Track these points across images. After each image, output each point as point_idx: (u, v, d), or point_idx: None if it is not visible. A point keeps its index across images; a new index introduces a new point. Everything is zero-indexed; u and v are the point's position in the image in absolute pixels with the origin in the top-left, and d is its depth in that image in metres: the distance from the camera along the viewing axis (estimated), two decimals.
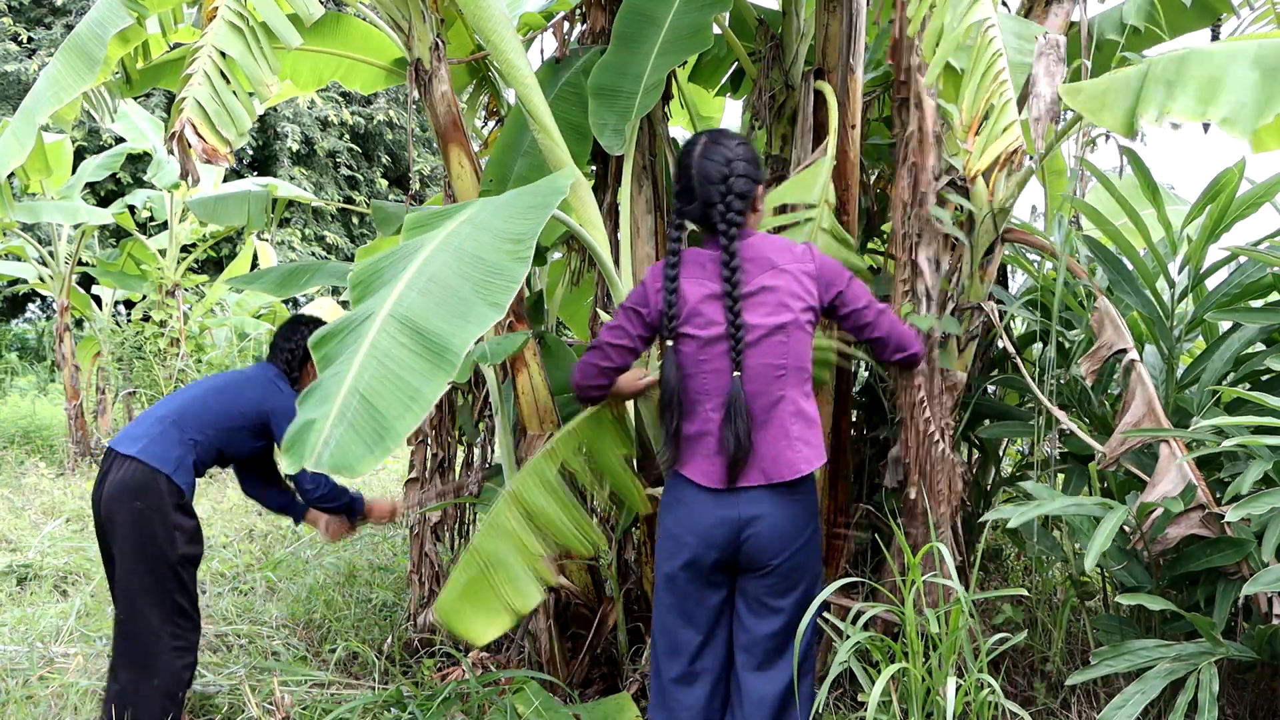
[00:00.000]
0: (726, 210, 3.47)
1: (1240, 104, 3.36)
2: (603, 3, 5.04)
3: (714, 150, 3.51)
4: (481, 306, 2.96)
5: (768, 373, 3.46)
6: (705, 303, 3.46)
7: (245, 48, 4.04)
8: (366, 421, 2.71)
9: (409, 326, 2.90)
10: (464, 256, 3.14)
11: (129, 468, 4.42)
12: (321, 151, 19.17)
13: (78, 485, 10.21)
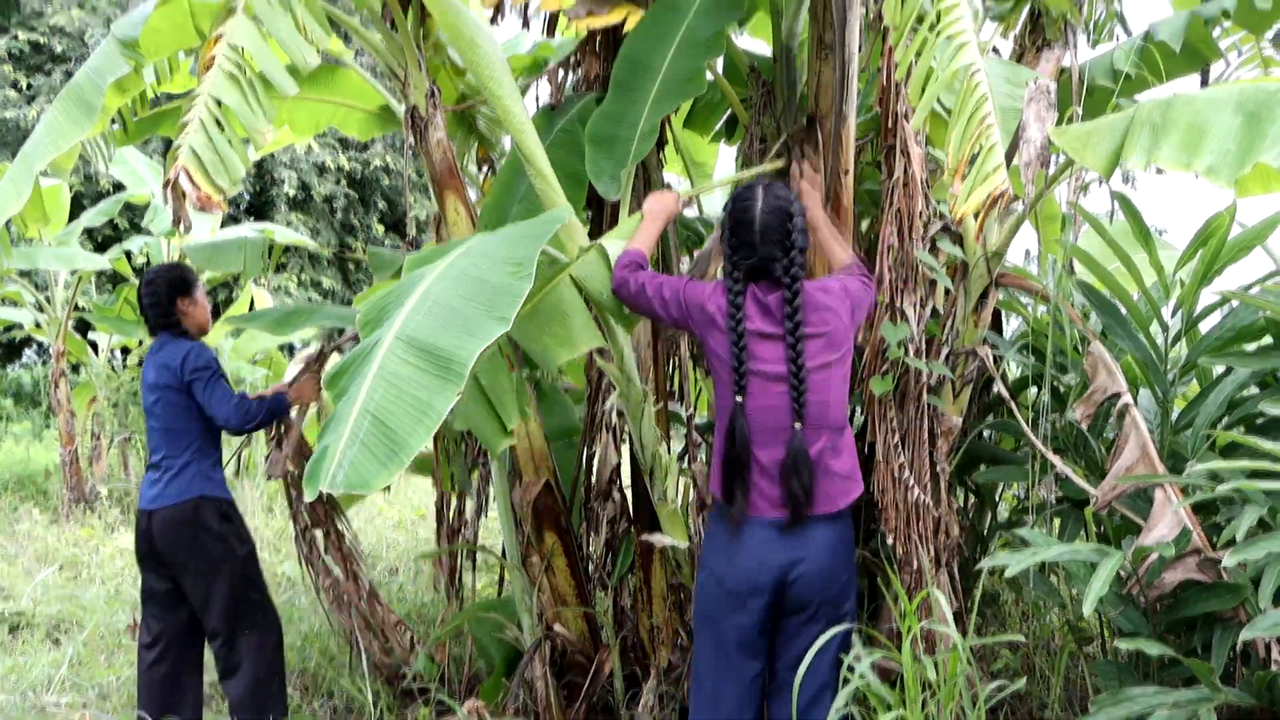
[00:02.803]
0: (791, 265, 3.54)
1: (1224, 152, 3.40)
2: (597, 50, 5.08)
3: (775, 203, 3.59)
4: (486, 321, 3.02)
5: (818, 410, 3.55)
6: (764, 343, 3.52)
7: (241, 96, 4.06)
8: (378, 439, 2.79)
9: (415, 346, 2.96)
10: (466, 280, 3.20)
11: (162, 516, 4.86)
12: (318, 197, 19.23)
13: (71, 532, 10.17)
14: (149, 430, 5.02)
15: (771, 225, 3.57)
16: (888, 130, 4.36)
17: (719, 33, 4.50)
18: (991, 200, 3.45)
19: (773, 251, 3.55)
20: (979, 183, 3.48)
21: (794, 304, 3.52)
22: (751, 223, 3.58)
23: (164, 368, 4.92)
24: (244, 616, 4.93)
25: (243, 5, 4.17)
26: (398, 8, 4.87)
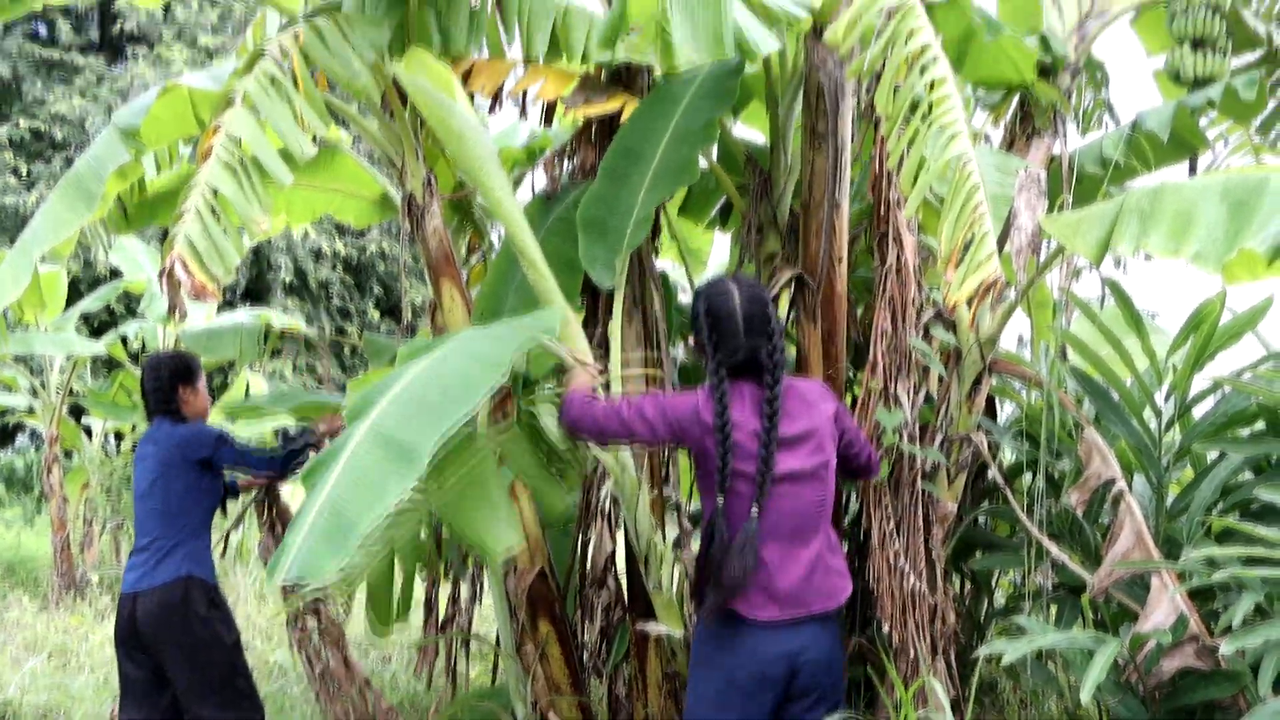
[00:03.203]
0: (774, 351, 3.53)
1: (1210, 239, 3.44)
2: (593, 139, 5.13)
3: (754, 296, 3.59)
4: (451, 408, 3.09)
5: (812, 509, 3.57)
6: (752, 439, 3.52)
7: (238, 186, 4.10)
8: (332, 526, 2.84)
9: (381, 438, 3.03)
10: (444, 375, 3.27)
11: (150, 598, 4.81)
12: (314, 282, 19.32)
13: (61, 620, 10.08)
14: (142, 513, 4.98)
15: (754, 315, 3.56)
16: (880, 218, 4.40)
17: (712, 121, 4.55)
18: (985, 288, 3.48)
19: (758, 341, 3.55)
20: (972, 271, 3.52)
21: (774, 391, 3.52)
22: (733, 315, 3.56)
23: (167, 448, 4.93)
24: (229, 705, 4.87)
25: (241, 96, 4.23)
26: (395, 97, 4.93)
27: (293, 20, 4.80)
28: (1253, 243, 3.39)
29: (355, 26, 4.61)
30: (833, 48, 4.04)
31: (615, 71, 5.05)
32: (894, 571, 4.21)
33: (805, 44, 4.56)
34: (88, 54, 19.12)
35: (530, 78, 4.98)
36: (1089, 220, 3.90)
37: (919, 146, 3.68)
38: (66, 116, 18.27)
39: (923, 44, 3.74)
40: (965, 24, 5.04)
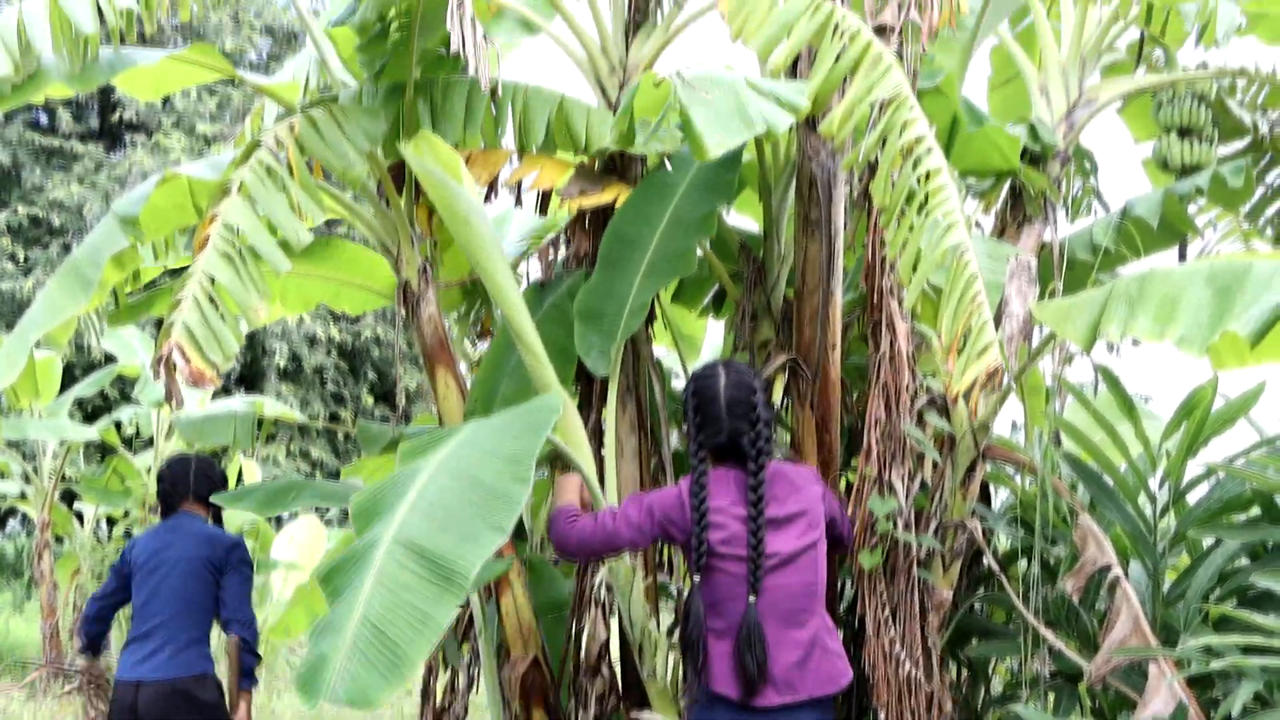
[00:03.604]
0: (757, 438, 3.54)
1: (1194, 323, 3.49)
2: (587, 227, 5.17)
3: (739, 381, 3.60)
4: (484, 530, 3.03)
5: (805, 590, 3.56)
6: (735, 523, 3.50)
7: (235, 273, 4.13)
8: (380, 652, 2.76)
9: (415, 551, 2.96)
10: (463, 478, 3.21)
11: (158, 688, 4.82)
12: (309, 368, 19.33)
13: (48, 708, 9.96)
14: (157, 598, 4.98)
15: (737, 400, 3.57)
16: (874, 305, 4.43)
17: (711, 213, 4.61)
18: (986, 377, 3.51)
19: (740, 426, 3.55)
20: (973, 360, 3.55)
21: (759, 477, 3.51)
22: (716, 399, 3.58)
23: (206, 542, 4.97)
24: None
25: (238, 185, 4.28)
26: (391, 185, 4.99)
27: (290, 111, 4.87)
28: (1235, 325, 3.43)
29: (351, 117, 4.67)
30: (827, 138, 4.10)
31: (610, 160, 5.11)
32: (890, 659, 4.18)
33: (798, 133, 4.61)
34: (87, 142, 19.29)
35: (526, 168, 5.04)
36: (1079, 306, 3.94)
37: (916, 237, 3.72)
38: (65, 203, 18.40)
39: (917, 135, 3.80)
40: (952, 113, 5.11)
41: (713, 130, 3.68)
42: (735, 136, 3.73)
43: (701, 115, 3.69)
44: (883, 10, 4.37)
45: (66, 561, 12.91)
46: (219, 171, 5.00)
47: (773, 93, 3.95)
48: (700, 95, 3.74)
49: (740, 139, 3.75)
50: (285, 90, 5.66)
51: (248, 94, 18.09)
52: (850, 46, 4.00)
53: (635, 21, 5.16)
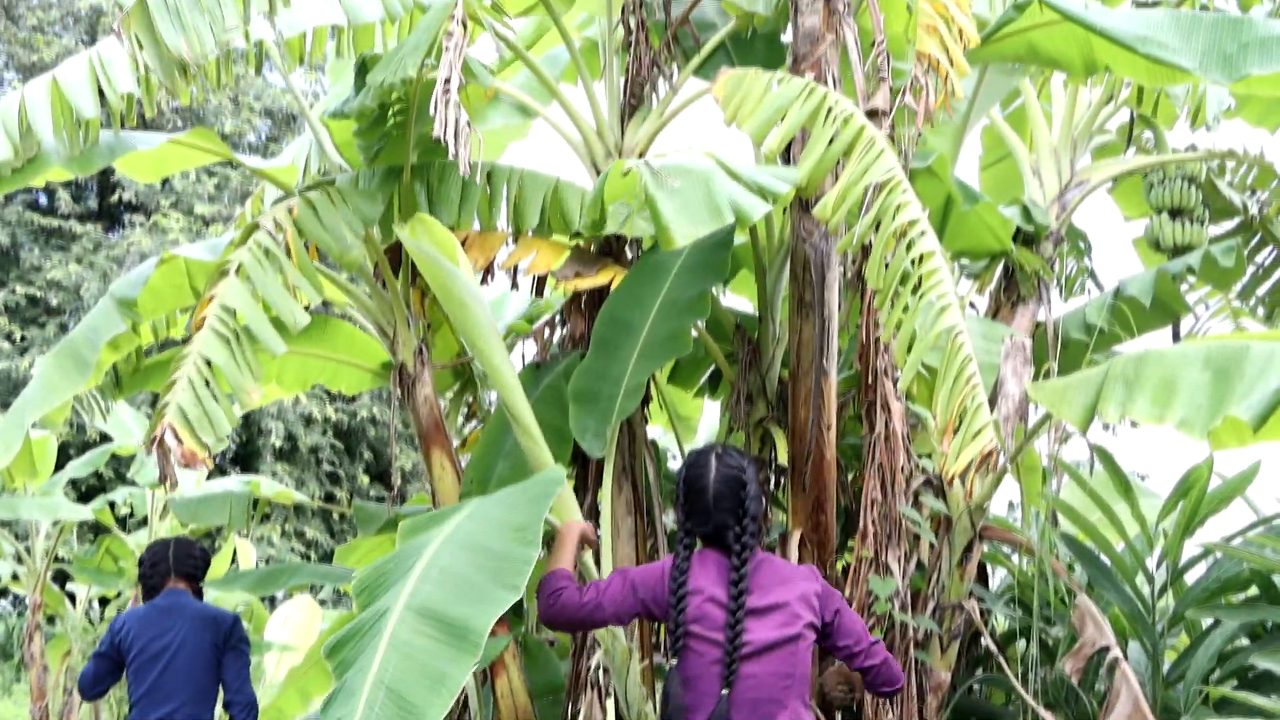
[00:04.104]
0: (743, 533, 3.50)
1: (1195, 406, 3.49)
2: (582, 309, 5.20)
3: (727, 471, 3.54)
4: (497, 590, 2.99)
5: (777, 682, 3.46)
6: (713, 607, 3.46)
7: (230, 354, 4.14)
8: (397, 712, 2.71)
9: (428, 615, 2.92)
10: (472, 548, 3.19)
11: None
12: (304, 447, 19.29)
13: None
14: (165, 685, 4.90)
15: (724, 494, 3.52)
16: (868, 386, 4.44)
17: (704, 294, 4.64)
18: (981, 459, 3.51)
19: (725, 519, 3.51)
20: (968, 442, 3.55)
21: (740, 585, 3.47)
22: (704, 490, 3.53)
23: (207, 624, 4.94)
24: None
25: (236, 267, 4.30)
26: (387, 267, 5.02)
27: (289, 193, 4.91)
28: (1237, 410, 3.43)
29: (349, 200, 4.71)
30: (821, 221, 4.14)
31: (605, 242, 5.15)
32: None
33: (791, 215, 4.65)
34: (86, 222, 19.39)
35: (522, 251, 5.08)
36: (1075, 387, 3.94)
37: (910, 319, 3.74)
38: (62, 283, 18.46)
39: (910, 218, 3.83)
40: (945, 194, 5.16)
41: (680, 220, 3.71)
42: (703, 226, 3.76)
43: (668, 205, 3.73)
44: (875, 95, 4.43)
45: (58, 643, 12.78)
46: (217, 253, 5.03)
47: (753, 180, 3.98)
48: (668, 184, 3.77)
49: (708, 228, 3.79)
50: (283, 174, 5.72)
51: (246, 175, 18.22)
52: (843, 130, 4.05)
53: (630, 106, 5.23)
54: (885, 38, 4.51)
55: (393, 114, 4.79)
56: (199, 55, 3.87)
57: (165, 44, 3.82)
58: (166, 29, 3.83)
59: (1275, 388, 3.37)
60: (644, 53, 5.23)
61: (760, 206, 3.91)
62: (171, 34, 3.82)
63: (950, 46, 4.23)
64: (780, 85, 4.24)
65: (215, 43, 3.88)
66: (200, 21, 3.86)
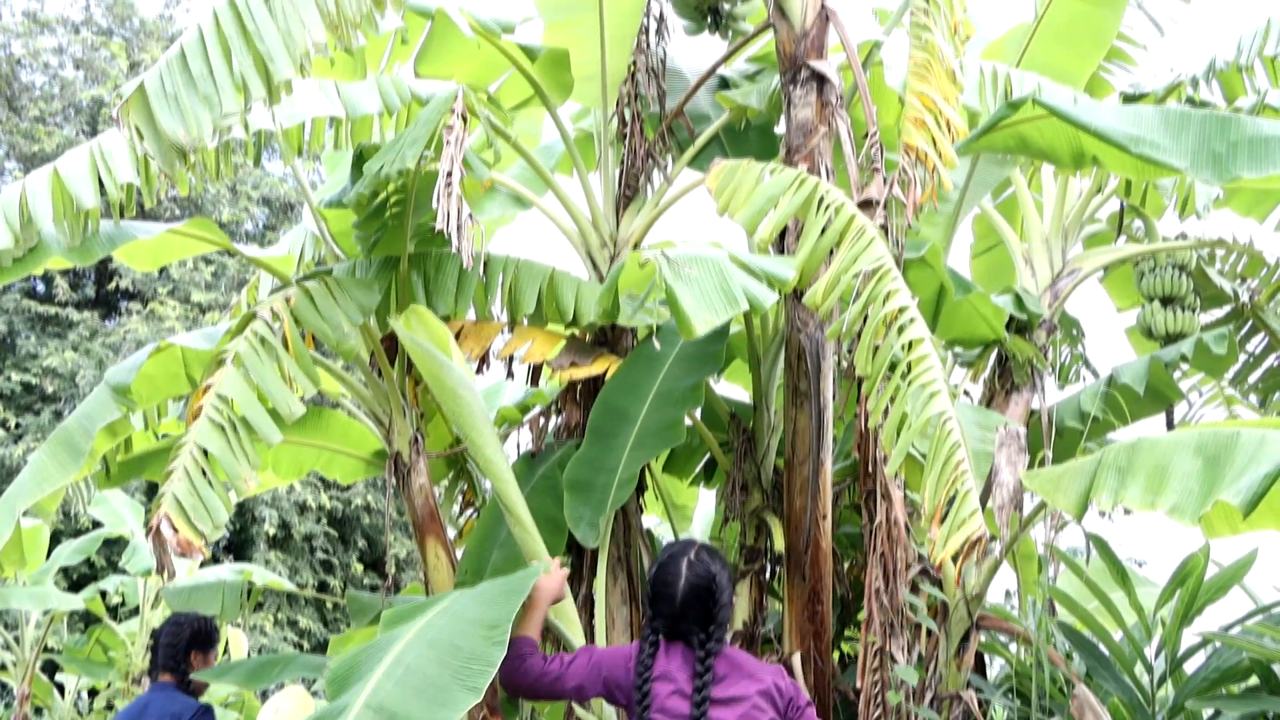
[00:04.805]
0: (708, 639, 3.46)
1: (1186, 492, 3.51)
2: (577, 398, 5.21)
3: (697, 580, 3.49)
4: (458, 691, 2.98)
5: None
6: (676, 699, 3.41)
7: (226, 444, 4.15)
8: None
9: (384, 716, 2.90)
10: (439, 645, 3.18)
11: None
12: (298, 535, 19.17)
13: None
14: None
15: (691, 603, 3.47)
16: (867, 475, 4.45)
17: (699, 385, 4.67)
18: (969, 545, 3.50)
19: (690, 627, 3.47)
20: (956, 528, 3.55)
21: (704, 677, 3.43)
22: (674, 597, 3.48)
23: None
24: None
25: (233, 356, 4.32)
26: (383, 357, 5.04)
27: (286, 283, 4.94)
28: (1227, 495, 3.45)
29: (346, 290, 4.74)
30: (813, 309, 4.16)
31: (600, 332, 5.18)
32: None
33: (786, 305, 4.68)
34: (83, 309, 19.43)
35: (518, 340, 5.10)
36: (1069, 475, 3.96)
37: (900, 404, 3.76)
38: (58, 370, 18.45)
39: (899, 305, 3.86)
40: (938, 283, 5.20)
41: (698, 308, 3.74)
42: (720, 314, 3.79)
43: (686, 294, 3.76)
44: (868, 185, 4.48)
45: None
46: (213, 342, 5.05)
47: (761, 268, 4.03)
48: (685, 273, 3.81)
49: (725, 316, 3.82)
50: (281, 263, 5.76)
51: (243, 263, 18.29)
52: (835, 220, 4.09)
53: (625, 197, 5.29)
54: (878, 129, 4.58)
55: (390, 204, 4.83)
56: (196, 140, 3.91)
57: (164, 129, 3.86)
58: (165, 114, 3.87)
59: (1265, 474, 3.38)
60: (639, 144, 5.31)
61: (770, 295, 3.96)
62: (170, 119, 3.86)
63: (938, 139, 4.29)
64: (772, 176, 4.29)
65: (214, 128, 3.92)
66: (198, 107, 3.89)
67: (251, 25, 3.90)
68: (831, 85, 4.67)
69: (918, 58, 4.36)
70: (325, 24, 3.93)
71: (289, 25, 3.89)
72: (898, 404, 3.80)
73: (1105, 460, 3.84)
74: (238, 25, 3.92)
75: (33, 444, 17.25)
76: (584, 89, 5.30)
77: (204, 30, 3.96)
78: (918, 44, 4.38)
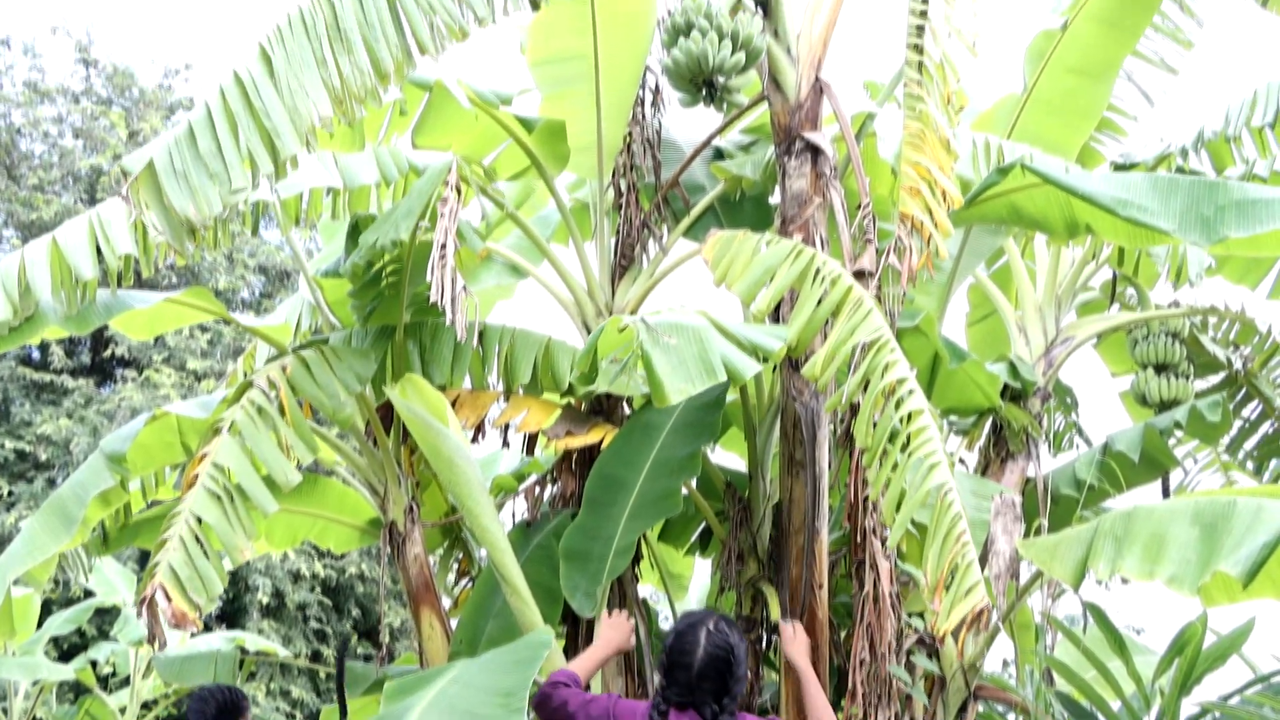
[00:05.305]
0: (720, 711, 3.45)
1: (1184, 561, 3.51)
2: (573, 467, 5.21)
3: (715, 650, 3.48)
4: None
5: None
6: None
7: (222, 513, 4.15)
8: None
9: None
10: (456, 713, 3.16)
11: None
12: (291, 604, 19.03)
13: None
14: None
15: (708, 674, 3.45)
16: (857, 545, 4.44)
17: (695, 454, 4.67)
18: (972, 617, 3.50)
19: (705, 699, 3.46)
20: (959, 600, 3.54)
21: None
22: (690, 666, 3.46)
23: None
24: None
25: (229, 425, 4.33)
26: (379, 425, 5.05)
27: (282, 352, 4.96)
28: (1226, 566, 3.44)
29: (342, 358, 4.75)
30: (810, 380, 4.18)
31: (596, 400, 5.19)
32: None
33: (781, 374, 4.70)
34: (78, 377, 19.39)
35: (513, 409, 5.11)
36: (1066, 544, 3.95)
37: (899, 477, 3.76)
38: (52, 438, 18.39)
39: (899, 377, 3.88)
40: (933, 351, 5.23)
41: (674, 377, 3.76)
42: (697, 384, 3.81)
43: (663, 361, 3.78)
44: (862, 255, 4.51)
45: None
46: (208, 410, 5.06)
47: (747, 338, 4.04)
48: (664, 341, 3.83)
49: (701, 386, 3.84)
50: (277, 332, 5.78)
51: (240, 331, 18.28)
52: (831, 290, 4.12)
53: (621, 266, 5.32)
54: (871, 200, 4.62)
55: (386, 274, 4.86)
56: (206, 216, 3.94)
57: (173, 206, 3.89)
58: (174, 191, 3.90)
59: (1263, 543, 3.38)
60: (634, 214, 5.35)
61: (752, 365, 3.97)
62: (179, 196, 3.89)
63: (934, 208, 4.33)
64: (769, 246, 4.32)
65: (222, 204, 3.96)
66: (207, 183, 3.93)
67: (258, 102, 3.94)
68: (825, 156, 4.71)
69: (912, 127, 4.41)
70: (330, 99, 3.97)
71: (295, 101, 3.94)
72: (897, 476, 3.80)
73: (1102, 529, 3.84)
74: (244, 102, 3.96)
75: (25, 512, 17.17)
76: (580, 159, 5.34)
77: (211, 107, 4.00)
78: (912, 114, 4.43)
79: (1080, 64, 5.93)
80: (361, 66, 3.98)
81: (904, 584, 4.57)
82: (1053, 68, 5.91)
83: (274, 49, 3.98)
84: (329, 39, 3.98)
